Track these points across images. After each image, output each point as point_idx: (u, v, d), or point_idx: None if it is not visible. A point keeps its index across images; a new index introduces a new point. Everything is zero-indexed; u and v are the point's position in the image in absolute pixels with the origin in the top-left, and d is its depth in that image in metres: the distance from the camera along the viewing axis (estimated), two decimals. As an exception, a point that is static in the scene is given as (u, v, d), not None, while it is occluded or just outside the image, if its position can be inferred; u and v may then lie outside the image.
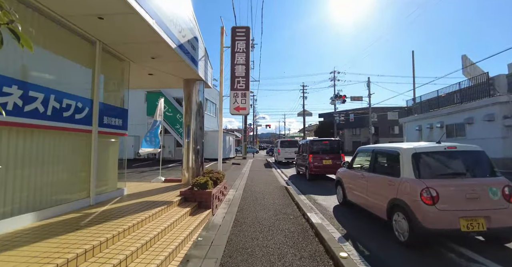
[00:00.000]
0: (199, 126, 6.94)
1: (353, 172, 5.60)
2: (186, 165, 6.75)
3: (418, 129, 20.15)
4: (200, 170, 6.92)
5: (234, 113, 7.70)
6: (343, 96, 25.46)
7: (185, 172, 6.77)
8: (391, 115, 48.70)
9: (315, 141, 10.81)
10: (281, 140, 19.53)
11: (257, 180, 10.17)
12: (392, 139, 45.75)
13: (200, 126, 6.99)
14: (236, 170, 14.36)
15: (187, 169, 6.75)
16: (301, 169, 12.06)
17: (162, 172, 12.68)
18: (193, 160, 6.75)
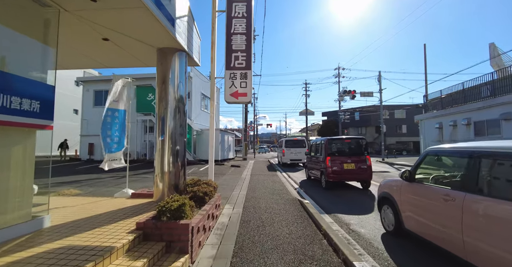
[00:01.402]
0: (179, 120, 4.83)
1: (421, 188, 3.51)
2: (159, 172, 4.64)
3: (438, 127, 18.05)
4: (180, 179, 4.82)
5: (230, 101, 5.59)
6: (353, 91, 23.36)
7: (158, 182, 4.66)
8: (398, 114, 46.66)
9: (334, 140, 8.69)
10: (286, 139, 17.42)
11: (260, 189, 8.06)
12: (400, 139, 43.65)
13: (181, 120, 4.88)
14: (235, 174, 12.26)
15: (162, 177, 4.64)
16: (313, 174, 9.96)
17: (144, 178, 10.68)
18: (170, 164, 4.64)
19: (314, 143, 10.14)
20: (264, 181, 9.90)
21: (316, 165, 9.33)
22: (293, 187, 8.88)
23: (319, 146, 9.37)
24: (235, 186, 8.64)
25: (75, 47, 4.81)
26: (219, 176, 11.38)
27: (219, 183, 9.06)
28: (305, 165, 11.09)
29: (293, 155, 16.45)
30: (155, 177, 4.68)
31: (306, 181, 10.46)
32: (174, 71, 4.74)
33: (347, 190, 8.42)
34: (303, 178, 11.35)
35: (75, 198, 5.26)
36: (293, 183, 9.89)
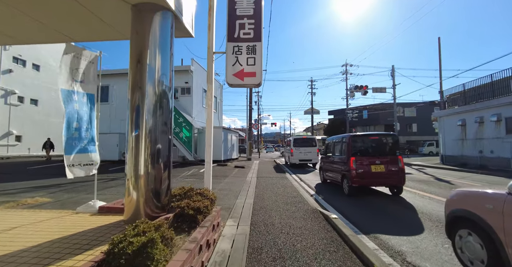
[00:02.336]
0: (163, 114, 3.46)
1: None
2: (132, 176, 3.25)
3: (460, 124, 16.48)
4: (163, 186, 3.44)
5: (234, 83, 4.21)
6: (365, 86, 21.84)
7: (131, 190, 3.26)
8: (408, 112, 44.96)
9: (359, 137, 7.26)
10: (295, 137, 16.00)
11: (270, 197, 6.67)
12: (410, 138, 41.97)
13: (165, 114, 3.51)
14: (239, 176, 10.89)
15: (136, 183, 3.25)
16: (330, 177, 8.55)
17: None
18: (149, 166, 3.26)
19: (331, 141, 8.71)
20: (273, 185, 8.50)
21: (335, 167, 7.91)
22: (308, 193, 7.48)
23: (338, 144, 7.94)
24: (239, 192, 7.27)
25: (22, 9, 3.48)
26: (221, 178, 10.02)
27: (221, 188, 7.70)
28: (320, 167, 9.68)
29: (303, 155, 15.03)
30: (126, 183, 3.31)
31: (322, 185, 9.04)
32: (155, 42, 3.37)
33: (374, 196, 6.99)
34: (317, 181, 9.93)
35: (28, 212, 3.95)
36: (307, 187, 8.48)
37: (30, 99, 24.62)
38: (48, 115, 25.85)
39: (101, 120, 16.51)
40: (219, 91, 24.72)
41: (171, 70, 3.53)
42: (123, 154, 17.69)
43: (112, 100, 18.99)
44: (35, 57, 25.09)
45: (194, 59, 18.20)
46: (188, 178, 10.17)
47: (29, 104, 24.53)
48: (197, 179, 9.89)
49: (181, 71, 17.68)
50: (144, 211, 3.19)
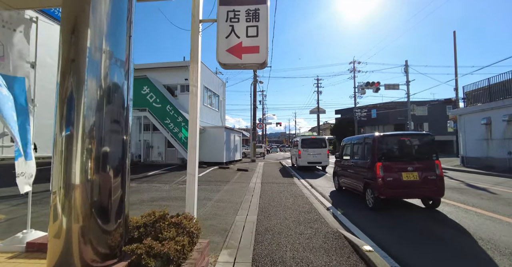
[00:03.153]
0: (114, 104, 2.22)
1: None
2: (62, 189, 1.98)
3: (485, 123, 15.00)
4: (113, 207, 2.18)
5: (228, 63, 2.99)
6: (376, 83, 20.43)
7: (59, 213, 1.97)
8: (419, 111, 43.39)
9: (388, 137, 5.96)
10: (303, 138, 14.71)
11: (278, 212, 5.43)
12: (421, 138, 40.24)
13: (118, 103, 2.26)
14: (241, 181, 9.68)
15: (67, 198, 1.96)
16: (346, 184, 7.28)
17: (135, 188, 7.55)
18: (90, 173, 2.02)
19: (349, 142, 7.43)
20: (280, 194, 7.26)
21: (355, 173, 6.63)
22: (323, 204, 6.22)
23: (359, 146, 6.67)
24: (240, 203, 6.04)
25: None
26: (220, 185, 8.82)
27: (219, 199, 6.48)
28: (334, 172, 8.40)
29: (311, 156, 13.74)
30: (51, 201, 2.06)
31: (337, 193, 7.76)
32: (100, 2, 2.15)
33: (405, 210, 5.71)
34: (330, 187, 8.66)
35: None
36: (320, 197, 7.21)
37: (27, 98, 23.80)
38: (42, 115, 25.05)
39: None
40: (222, 89, 23.55)
41: (129, 48, 2.32)
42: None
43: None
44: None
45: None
46: (183, 184, 8.98)
47: (25, 104, 23.71)
48: (193, 185, 8.70)
49: (179, 67, 16.57)
50: (80, 255, 1.96)
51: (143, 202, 6.12)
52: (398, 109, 40.37)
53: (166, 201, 6.27)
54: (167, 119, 15.49)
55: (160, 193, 7.28)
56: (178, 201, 6.26)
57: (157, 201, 6.28)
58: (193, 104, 2.99)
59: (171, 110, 15.48)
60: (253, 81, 21.21)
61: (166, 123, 15.48)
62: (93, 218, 2.03)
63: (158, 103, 15.74)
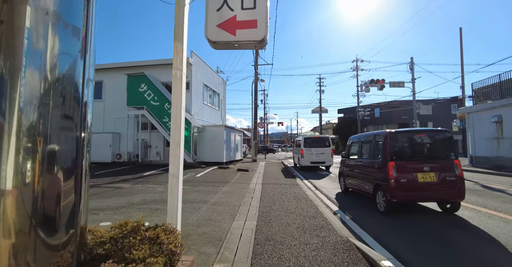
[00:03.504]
0: (65, 97, 1.70)
1: None
2: None
3: (496, 121, 14.38)
4: (62, 216, 1.68)
5: (219, 41, 2.47)
6: (381, 80, 19.83)
7: None
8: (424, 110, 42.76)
9: (401, 134, 5.41)
10: (305, 137, 14.16)
11: (279, 217, 4.92)
12: (425, 137, 39.54)
13: (71, 96, 1.74)
14: (241, 182, 9.16)
15: None
16: (353, 185, 6.75)
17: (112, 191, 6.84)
18: (25, 178, 1.52)
19: (357, 140, 6.89)
20: (282, 196, 6.74)
21: (363, 174, 6.10)
22: (329, 208, 5.69)
23: (368, 144, 6.13)
24: (238, 207, 5.53)
25: None
26: (219, 186, 8.31)
27: (215, 201, 5.95)
28: (340, 172, 7.87)
29: (315, 156, 13.19)
30: None
31: (343, 195, 7.23)
32: None
33: (420, 215, 5.17)
34: (335, 189, 8.13)
35: None
36: (325, 199, 6.68)
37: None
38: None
39: (94, 119, 14.96)
40: (222, 87, 23.05)
41: (88, 13, 1.81)
42: (117, 156, 16.20)
43: (106, 97, 17.47)
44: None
45: (194, 51, 16.55)
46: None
47: (23, 103, 23.33)
48: (190, 186, 8.20)
49: (178, 64, 16.07)
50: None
51: (132, 205, 5.62)
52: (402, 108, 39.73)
53: (157, 203, 5.77)
54: (165, 117, 14.99)
55: (153, 195, 6.78)
56: (171, 204, 5.74)
57: (148, 203, 5.78)
58: (177, 92, 2.47)
59: (169, 108, 14.96)
60: (254, 79, 20.71)
61: (164, 121, 14.99)
62: (32, 233, 1.52)
63: (156, 101, 15.26)
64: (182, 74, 2.46)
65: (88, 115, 1.80)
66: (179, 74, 2.45)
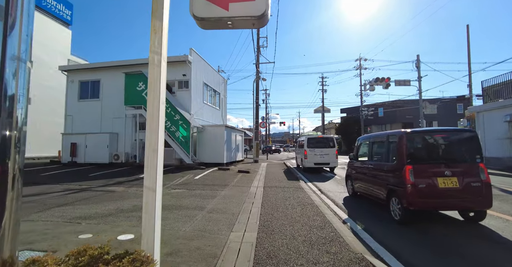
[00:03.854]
0: None
1: None
2: None
3: (508, 120, 13.77)
4: None
5: (207, 17, 1.95)
6: (386, 79, 19.25)
7: None
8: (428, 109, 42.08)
9: (419, 134, 4.87)
10: (309, 137, 13.62)
11: (283, 227, 4.40)
12: (430, 137, 38.79)
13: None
14: (241, 184, 8.65)
15: None
16: (362, 189, 6.21)
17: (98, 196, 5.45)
18: None
19: (367, 141, 6.35)
20: (285, 201, 6.22)
21: (374, 178, 5.56)
22: (337, 216, 5.17)
23: (380, 145, 5.61)
24: (237, 214, 5.01)
25: None
26: (218, 189, 7.80)
27: (212, 208, 5.42)
28: (347, 175, 7.33)
29: (318, 157, 12.65)
30: None
31: (352, 200, 6.70)
32: None
33: (440, 225, 4.63)
34: (342, 192, 7.60)
35: None
36: (332, 205, 6.16)
37: (22, 97, 23.03)
38: (41, 114, 24.29)
39: (91, 119, 14.47)
40: (223, 86, 22.55)
41: None
42: (115, 156, 15.74)
43: (103, 96, 17.03)
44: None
45: (193, 49, 16.06)
46: (176, 188, 7.98)
47: (21, 103, 22.94)
48: (187, 190, 7.71)
49: (177, 62, 15.57)
50: None
51: (121, 212, 5.13)
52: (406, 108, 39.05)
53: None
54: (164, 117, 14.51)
55: (146, 200, 6.28)
56: (164, 210, 5.23)
57: (139, 210, 5.28)
58: (154, 83, 1.96)
59: (167, 108, 14.48)
60: (256, 77, 20.19)
61: (163, 121, 14.51)
62: None
63: (154, 100, 14.77)
64: (161, 59, 1.94)
65: (17, 110, 1.31)
66: (157, 60, 1.94)
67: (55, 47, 26.00)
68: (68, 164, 15.64)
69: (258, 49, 19.74)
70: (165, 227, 4.13)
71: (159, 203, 1.99)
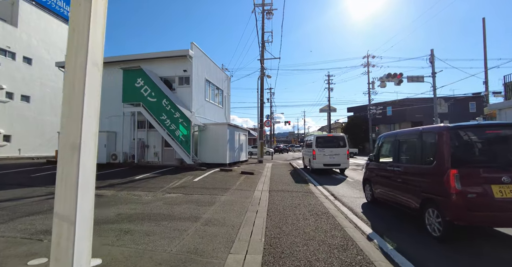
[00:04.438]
0: None
1: None
2: None
3: (535, 118, 12.66)
4: None
5: None
6: (399, 74, 18.17)
7: None
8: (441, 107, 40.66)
9: (466, 129, 3.91)
10: (317, 136, 12.62)
11: (294, 246, 3.53)
12: (441, 137, 37.42)
13: None
14: (244, 188, 7.78)
15: None
16: (385, 195, 5.28)
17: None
18: None
19: (390, 138, 5.41)
20: (295, 210, 5.33)
21: (403, 183, 4.63)
22: (360, 230, 4.26)
23: (411, 144, 4.68)
24: (238, 228, 4.14)
25: None
26: (217, 194, 6.95)
27: (208, 218, 4.35)
28: (365, 178, 6.41)
29: (328, 157, 11.71)
30: None
31: (372, 208, 5.77)
32: None
33: (494, 244, 3.69)
34: (358, 198, 6.68)
35: None
36: (350, 214, 5.24)
37: (21, 95, 22.53)
38: (42, 112, 23.75)
39: None
40: (226, 84, 21.72)
41: None
42: (113, 156, 15.01)
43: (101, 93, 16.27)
44: (26, 49, 22.98)
45: (195, 43, 15.24)
46: (171, 192, 7.14)
47: (20, 101, 22.44)
48: (183, 194, 6.87)
49: (177, 57, 14.78)
50: None
51: (101, 224, 4.29)
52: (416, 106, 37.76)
53: (134, 221, 4.42)
54: (163, 115, 13.73)
55: (134, 207, 5.46)
56: (151, 222, 4.40)
57: (121, 221, 4.44)
58: (79, 23, 1.09)
59: (167, 105, 13.71)
60: (260, 74, 19.29)
61: (162, 119, 13.74)
62: None
63: (153, 97, 14.00)
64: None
65: None
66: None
67: (56, 45, 25.45)
68: (64, 164, 14.94)
69: (263, 44, 18.84)
70: (146, 247, 3.28)
71: (84, 244, 1.13)
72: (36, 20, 24.10)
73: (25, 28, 22.92)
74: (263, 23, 18.71)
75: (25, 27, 22.93)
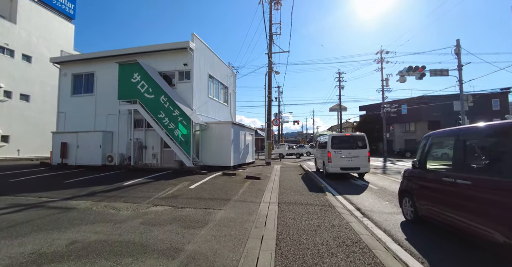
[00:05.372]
0: None
1: None
2: None
3: None
4: None
5: None
6: (420, 68, 16.46)
7: None
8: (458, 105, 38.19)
9: None
10: (333, 135, 11.08)
11: None
12: (461, 136, 35.13)
13: None
14: (248, 199, 6.41)
15: None
16: (438, 214, 3.81)
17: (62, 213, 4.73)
18: None
19: (446, 138, 3.93)
20: (315, 236, 3.92)
21: (471, 201, 3.16)
22: (416, 275, 2.82)
23: (482, 146, 3.21)
24: (233, 271, 2.76)
25: None
26: (213, 208, 5.60)
27: (190, 256, 3.15)
28: (403, 189, 4.93)
29: (346, 160, 10.21)
30: None
31: (418, 231, 4.29)
32: None
33: None
34: (390, 212, 5.21)
35: None
36: (392, 243, 3.79)
37: (20, 94, 21.79)
38: (42, 112, 22.99)
39: (84, 115, 11.94)
40: (232, 80, 20.41)
41: None
42: (108, 158, 13.88)
43: (97, 91, 15.25)
44: (26, 47, 22.24)
45: (196, 34, 13.97)
46: (158, 204, 5.82)
47: (19, 100, 21.71)
48: (171, 208, 5.54)
49: (177, 50, 13.54)
50: None
51: (38, 258, 2.98)
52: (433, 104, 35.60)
53: (84, 258, 3.10)
54: (161, 113, 12.51)
55: (101, 229, 4.15)
56: (109, 260, 3.06)
57: (68, 258, 3.12)
58: None
59: (165, 102, 12.47)
60: (268, 69, 17.91)
61: (160, 117, 12.51)
62: None
63: (151, 94, 12.79)
64: None
65: None
66: None
67: (57, 43, 24.69)
68: (57, 167, 13.91)
69: (271, 36, 17.44)
70: None
71: None
72: (36, 17, 23.38)
73: (24, 25, 22.21)
74: (271, 14, 17.32)
75: (24, 24, 22.22)
